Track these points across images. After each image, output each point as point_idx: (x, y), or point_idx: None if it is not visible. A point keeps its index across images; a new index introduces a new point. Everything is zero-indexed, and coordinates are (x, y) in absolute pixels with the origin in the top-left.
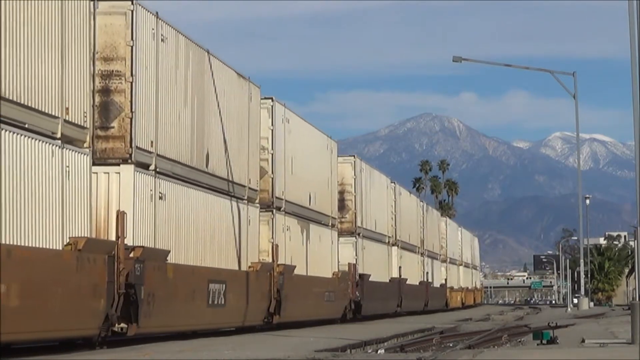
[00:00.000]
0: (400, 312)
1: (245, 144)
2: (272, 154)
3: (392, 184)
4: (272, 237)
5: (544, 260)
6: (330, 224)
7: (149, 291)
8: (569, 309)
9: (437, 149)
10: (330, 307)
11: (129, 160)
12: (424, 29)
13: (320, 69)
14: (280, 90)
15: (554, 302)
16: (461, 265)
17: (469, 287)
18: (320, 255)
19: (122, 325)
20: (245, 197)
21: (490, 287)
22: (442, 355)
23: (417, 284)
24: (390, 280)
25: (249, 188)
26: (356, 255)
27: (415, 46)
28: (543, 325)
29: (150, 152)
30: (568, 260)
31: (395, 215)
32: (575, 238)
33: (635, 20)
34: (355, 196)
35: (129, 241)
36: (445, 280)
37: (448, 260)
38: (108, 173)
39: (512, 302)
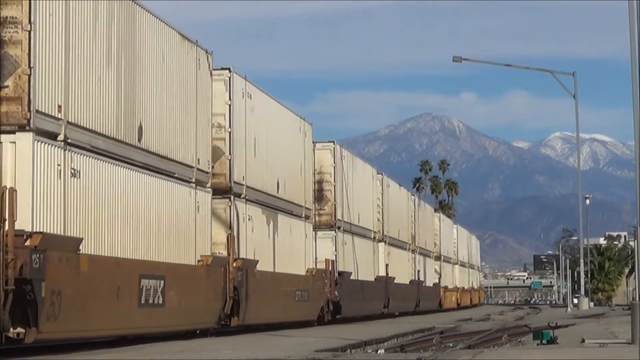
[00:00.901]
0: (388, 314)
1: (192, 118)
2: (230, 133)
3: (379, 175)
4: (230, 227)
5: (544, 260)
6: (303, 215)
7: (53, 288)
8: (569, 309)
9: (437, 149)
10: (303, 307)
11: (27, 127)
12: (424, 29)
13: (320, 69)
14: (280, 90)
15: (554, 302)
16: (457, 264)
17: (465, 287)
18: (292, 250)
19: (20, 330)
20: (193, 180)
21: (490, 287)
22: (442, 355)
23: (407, 283)
24: (375, 279)
25: (198, 169)
26: (336, 251)
27: (415, 46)
28: (543, 325)
29: (57, 119)
30: (568, 260)
31: (382, 209)
32: (575, 238)
33: (635, 20)
34: (335, 186)
35: (25, 226)
36: (439, 279)
37: (442, 258)
38: (1, 143)
39: (512, 302)
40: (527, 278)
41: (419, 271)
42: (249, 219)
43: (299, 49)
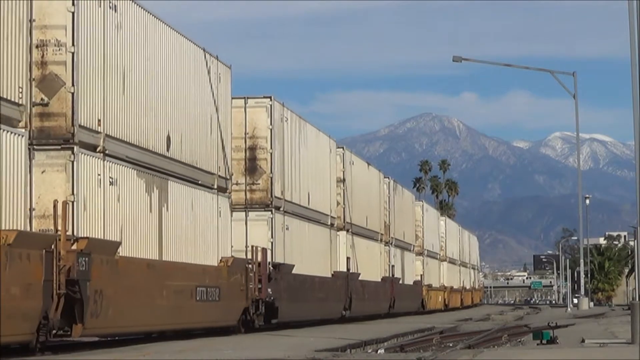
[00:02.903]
0: (350, 317)
1: None
2: (74, 55)
3: (340, 149)
4: (73, 192)
5: (544, 260)
6: (216, 187)
7: None
8: (569, 309)
9: (437, 149)
10: (211, 310)
11: None
12: (424, 29)
13: (320, 69)
14: (281, 90)
15: (554, 302)
16: (445, 260)
17: (455, 287)
18: (194, 233)
19: None
20: None
21: (490, 287)
22: (442, 355)
23: (379, 280)
24: (333, 275)
25: None
26: (272, 237)
27: (415, 46)
28: (543, 325)
29: None
30: (568, 260)
31: (344, 190)
32: (575, 238)
33: (635, 20)
34: (272, 154)
35: None
36: (421, 276)
37: (425, 252)
38: None
39: (512, 302)
40: (527, 278)
41: (393, 266)
42: (110, 183)
43: (299, 49)
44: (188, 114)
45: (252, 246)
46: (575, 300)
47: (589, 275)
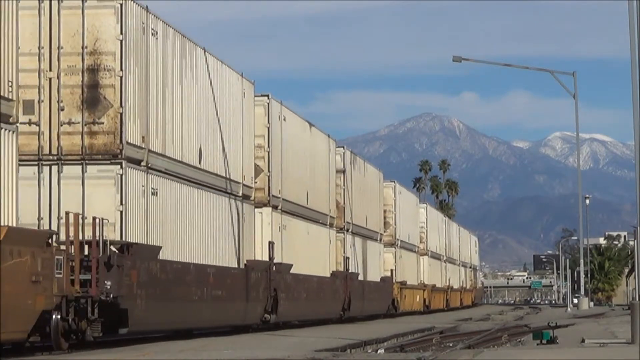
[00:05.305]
0: (278, 322)
1: None
2: None
3: (264, 97)
4: None
5: (544, 260)
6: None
7: None
8: (569, 309)
9: (437, 149)
10: None
11: None
12: (424, 29)
13: (320, 69)
14: (281, 90)
15: (554, 302)
16: (425, 254)
17: (438, 285)
18: None
19: None
20: None
21: (490, 287)
22: (442, 355)
23: (328, 275)
24: (246, 265)
25: None
26: (123, 203)
27: (415, 46)
28: (543, 325)
29: None
30: (568, 260)
31: (269, 153)
32: (575, 238)
33: (635, 20)
34: (123, 79)
35: None
36: (392, 271)
37: (398, 243)
38: None
39: (512, 302)
40: (527, 278)
41: (348, 258)
42: None
43: (299, 49)
44: None
45: (68, 214)
46: (575, 300)
47: (589, 275)
